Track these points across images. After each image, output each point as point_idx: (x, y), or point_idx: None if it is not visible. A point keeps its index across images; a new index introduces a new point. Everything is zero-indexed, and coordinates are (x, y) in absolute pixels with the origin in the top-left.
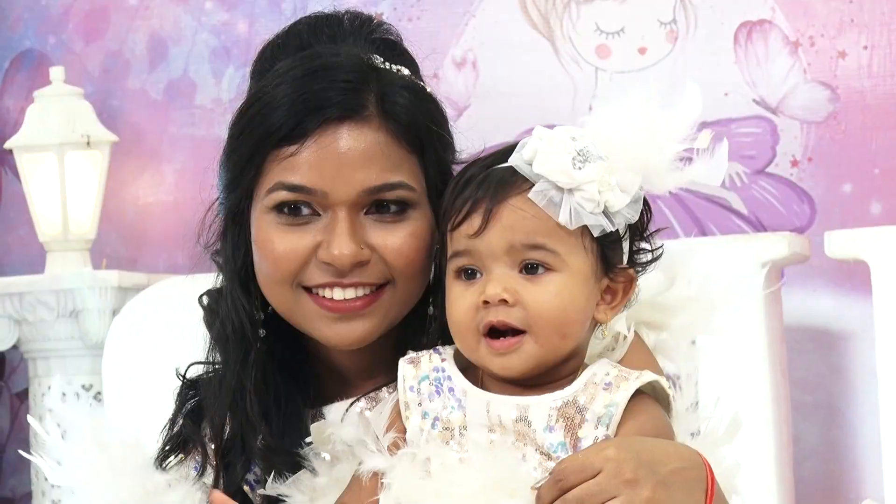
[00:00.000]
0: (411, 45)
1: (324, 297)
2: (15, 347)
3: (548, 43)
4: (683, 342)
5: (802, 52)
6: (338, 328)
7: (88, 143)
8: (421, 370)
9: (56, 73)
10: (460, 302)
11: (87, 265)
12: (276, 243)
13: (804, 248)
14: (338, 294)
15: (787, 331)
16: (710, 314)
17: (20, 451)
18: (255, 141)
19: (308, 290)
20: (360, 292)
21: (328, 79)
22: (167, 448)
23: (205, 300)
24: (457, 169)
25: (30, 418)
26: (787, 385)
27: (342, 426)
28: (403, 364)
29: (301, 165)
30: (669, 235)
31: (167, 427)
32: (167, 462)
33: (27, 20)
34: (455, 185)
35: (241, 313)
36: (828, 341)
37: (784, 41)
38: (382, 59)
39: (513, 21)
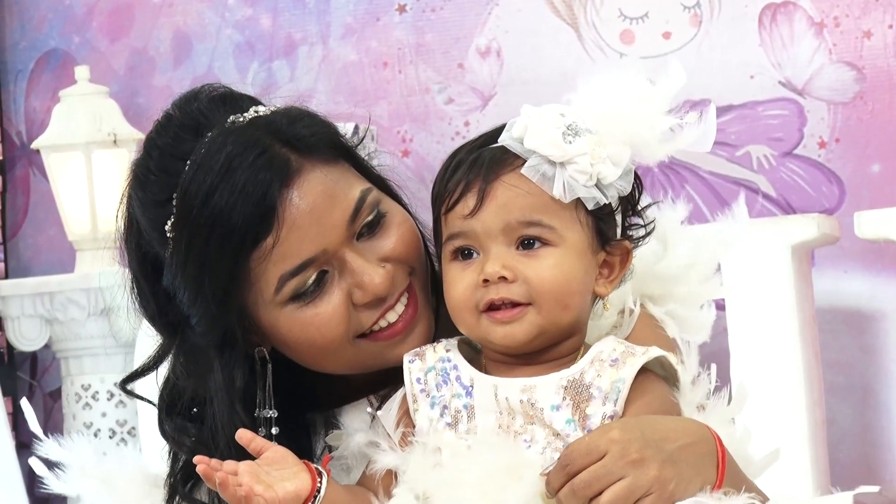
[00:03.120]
0: (435, 36)
1: (382, 329)
2: (47, 347)
3: (571, 30)
4: (690, 310)
5: (828, 33)
6: (405, 346)
7: (115, 142)
8: (427, 362)
9: (81, 72)
10: (458, 282)
11: (117, 263)
12: (312, 320)
13: (834, 229)
14: (391, 316)
15: (818, 313)
16: (712, 278)
17: (30, 462)
18: (230, 253)
19: (364, 335)
20: (404, 300)
21: (242, 167)
22: (174, 485)
23: (167, 428)
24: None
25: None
26: (819, 367)
27: (352, 433)
28: (408, 358)
29: (290, 248)
30: (699, 219)
31: (168, 480)
32: (177, 500)
33: (51, 20)
34: (446, 168)
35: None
36: (860, 322)
37: (809, 22)
38: (242, 115)
39: (536, 9)
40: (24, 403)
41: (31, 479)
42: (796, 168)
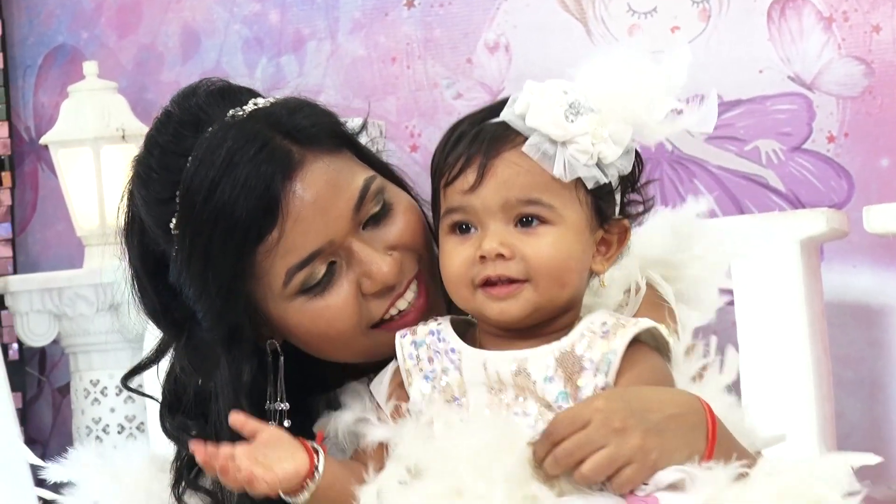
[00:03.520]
0: (444, 31)
1: (394, 318)
2: (55, 342)
3: (580, 25)
4: (695, 291)
5: (836, 28)
6: None
7: (124, 137)
8: (418, 336)
9: (90, 67)
10: (454, 256)
11: (122, 259)
12: (322, 312)
13: (843, 223)
14: (402, 304)
15: (827, 307)
16: (721, 269)
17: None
18: (234, 248)
19: (377, 325)
20: (414, 287)
21: (244, 161)
22: (180, 476)
23: (168, 426)
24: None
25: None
26: (828, 361)
27: (341, 413)
28: (401, 333)
29: (296, 241)
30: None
31: (174, 464)
32: (182, 486)
33: (60, 16)
34: (447, 141)
35: None
36: (868, 316)
37: (818, 17)
38: (241, 108)
39: (545, 4)
40: (25, 449)
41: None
42: (805, 163)
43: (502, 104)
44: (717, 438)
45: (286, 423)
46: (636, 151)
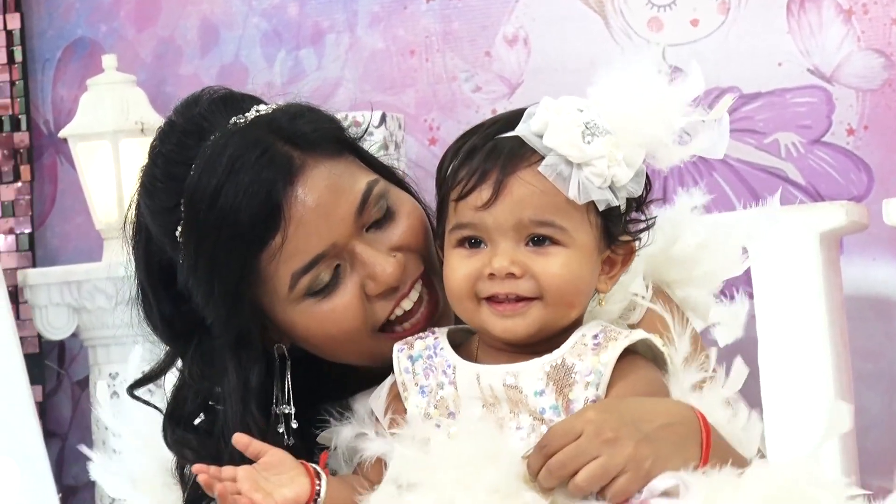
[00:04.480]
0: (462, 23)
1: (400, 320)
2: (74, 336)
3: (599, 17)
4: (709, 295)
5: (856, 20)
6: None
7: (142, 130)
8: (414, 350)
9: (108, 60)
10: (460, 269)
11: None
12: (328, 315)
13: (862, 216)
14: (406, 304)
15: (846, 300)
16: (731, 254)
17: (81, 446)
18: (238, 254)
19: (385, 330)
20: (418, 287)
21: (245, 168)
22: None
23: (169, 439)
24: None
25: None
26: (848, 355)
27: (340, 427)
28: (398, 347)
29: (299, 245)
30: (727, 207)
31: (177, 479)
32: None
33: (79, 9)
34: (456, 152)
35: (255, 436)
36: (888, 309)
37: (837, 9)
38: (243, 116)
39: None
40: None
41: (59, 468)
42: (824, 155)
43: (514, 117)
44: (712, 447)
45: (294, 425)
46: (646, 174)
